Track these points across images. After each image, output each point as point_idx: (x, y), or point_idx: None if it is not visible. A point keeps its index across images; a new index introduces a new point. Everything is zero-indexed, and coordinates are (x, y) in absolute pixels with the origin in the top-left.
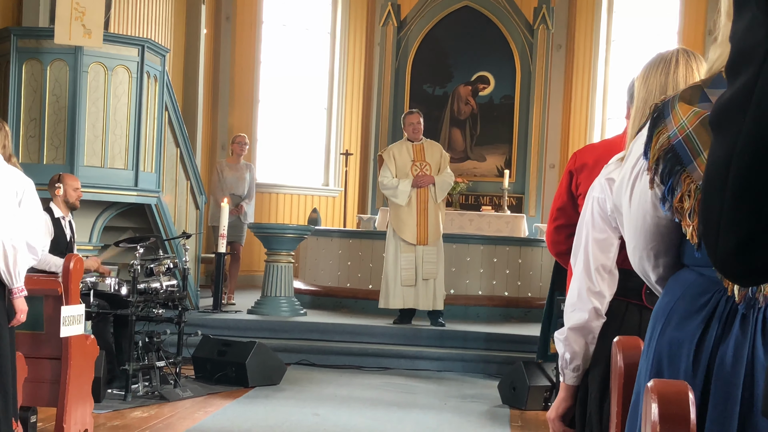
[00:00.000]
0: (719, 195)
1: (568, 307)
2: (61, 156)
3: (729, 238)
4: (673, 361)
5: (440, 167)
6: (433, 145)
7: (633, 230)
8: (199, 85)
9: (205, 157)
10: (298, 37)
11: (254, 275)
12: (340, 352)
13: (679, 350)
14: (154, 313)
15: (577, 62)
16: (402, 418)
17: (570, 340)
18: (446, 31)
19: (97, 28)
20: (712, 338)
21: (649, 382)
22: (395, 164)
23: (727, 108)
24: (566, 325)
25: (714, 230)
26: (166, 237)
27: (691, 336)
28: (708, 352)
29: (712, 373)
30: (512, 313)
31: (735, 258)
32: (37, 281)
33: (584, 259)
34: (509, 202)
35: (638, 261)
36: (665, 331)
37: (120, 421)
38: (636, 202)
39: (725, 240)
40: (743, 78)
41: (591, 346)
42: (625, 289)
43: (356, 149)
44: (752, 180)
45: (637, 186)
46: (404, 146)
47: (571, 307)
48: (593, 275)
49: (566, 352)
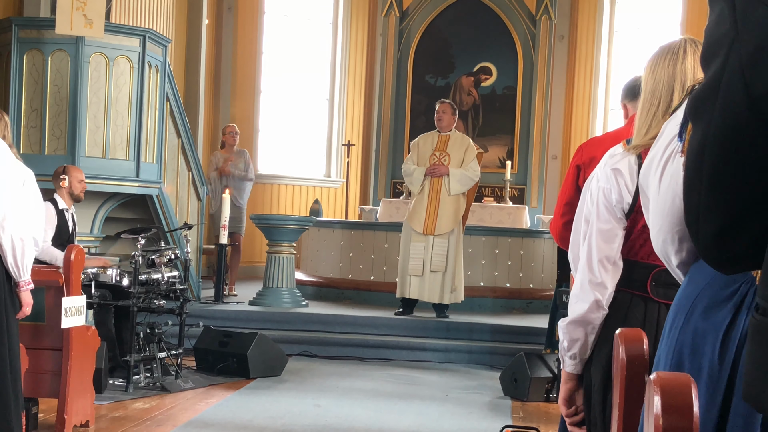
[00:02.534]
0: (697, 183)
1: (572, 298)
2: (62, 147)
3: (708, 225)
4: (696, 353)
5: (463, 161)
6: (461, 139)
7: (660, 212)
8: (200, 75)
9: (207, 148)
10: (299, 27)
11: (256, 266)
12: (342, 343)
13: (704, 341)
14: (155, 304)
15: (580, 53)
16: (403, 409)
17: (570, 330)
18: (448, 22)
19: (98, 18)
20: (740, 329)
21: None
22: (418, 152)
23: (699, 98)
24: (569, 315)
25: (694, 218)
26: (167, 228)
27: (717, 327)
28: (735, 343)
29: (739, 366)
30: (514, 305)
31: (715, 245)
32: (38, 272)
33: (587, 250)
34: (511, 194)
35: (661, 244)
36: (689, 321)
37: (121, 412)
38: (666, 184)
39: (705, 227)
40: (713, 68)
41: (591, 336)
42: (630, 281)
43: (358, 140)
44: (724, 168)
45: (668, 168)
46: (431, 136)
47: (575, 298)
48: (596, 267)
49: (565, 340)
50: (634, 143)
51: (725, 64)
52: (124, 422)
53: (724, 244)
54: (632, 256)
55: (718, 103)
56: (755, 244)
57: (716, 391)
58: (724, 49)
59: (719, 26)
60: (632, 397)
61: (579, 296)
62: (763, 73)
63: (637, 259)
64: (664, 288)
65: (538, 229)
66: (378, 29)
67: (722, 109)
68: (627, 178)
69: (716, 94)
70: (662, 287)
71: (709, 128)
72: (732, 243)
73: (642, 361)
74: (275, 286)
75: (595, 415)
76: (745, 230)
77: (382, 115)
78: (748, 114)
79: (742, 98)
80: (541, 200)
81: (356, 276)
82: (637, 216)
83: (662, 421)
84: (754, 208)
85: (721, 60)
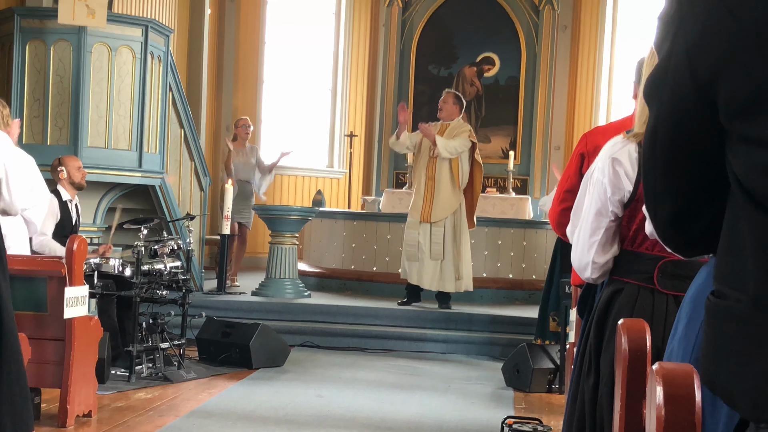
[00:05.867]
0: (652, 167)
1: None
2: (64, 137)
3: (664, 208)
4: None
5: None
6: (459, 127)
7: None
8: (203, 65)
9: (209, 138)
10: (302, 17)
11: (258, 257)
12: (344, 334)
13: None
14: (158, 295)
15: (583, 43)
16: (406, 399)
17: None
18: (451, 12)
19: (100, 8)
20: None
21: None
22: (420, 139)
23: (651, 81)
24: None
25: (651, 202)
26: (170, 218)
27: None
28: None
29: None
30: (517, 296)
31: (672, 228)
32: (40, 262)
33: (585, 229)
34: (514, 184)
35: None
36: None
37: (124, 402)
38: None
39: (661, 211)
40: (663, 52)
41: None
42: (636, 272)
43: (361, 131)
44: (674, 152)
45: None
46: (434, 127)
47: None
48: (592, 249)
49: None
50: (635, 131)
51: (672, 48)
52: (127, 412)
53: (680, 227)
54: (636, 247)
55: (667, 87)
56: (711, 227)
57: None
58: (671, 33)
59: (669, 10)
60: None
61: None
62: (707, 57)
63: (642, 250)
64: (671, 279)
65: (540, 220)
66: (381, 19)
67: (670, 93)
68: (627, 166)
69: (666, 78)
70: (669, 279)
71: (660, 111)
72: (688, 226)
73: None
74: (278, 276)
75: (602, 407)
76: (701, 213)
77: (385, 106)
78: (694, 97)
79: (688, 82)
80: (544, 191)
81: (359, 267)
82: (637, 205)
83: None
84: (708, 191)
85: (669, 44)
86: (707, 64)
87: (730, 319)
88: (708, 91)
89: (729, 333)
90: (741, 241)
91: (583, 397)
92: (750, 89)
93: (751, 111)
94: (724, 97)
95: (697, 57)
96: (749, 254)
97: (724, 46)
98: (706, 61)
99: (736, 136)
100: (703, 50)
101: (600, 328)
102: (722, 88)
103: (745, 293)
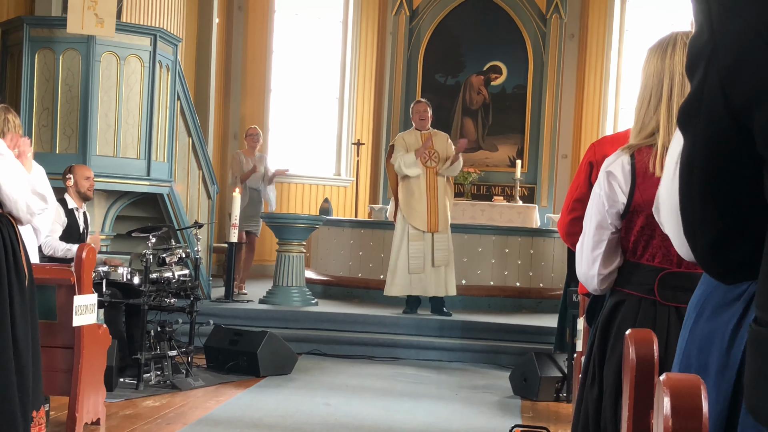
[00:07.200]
0: (689, 196)
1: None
2: (73, 145)
3: (703, 237)
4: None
5: (447, 154)
6: (440, 134)
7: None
8: (211, 74)
9: (217, 147)
10: (310, 26)
11: (266, 265)
12: (352, 342)
13: (711, 340)
14: (166, 303)
15: (590, 52)
16: (413, 408)
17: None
18: (459, 21)
19: (109, 18)
20: (747, 328)
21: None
22: (407, 150)
23: (685, 110)
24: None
25: (691, 229)
26: (178, 226)
27: (724, 326)
28: (743, 341)
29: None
30: (524, 304)
31: (711, 256)
32: (49, 270)
33: (587, 243)
34: (521, 193)
35: (685, 252)
36: (698, 322)
37: (132, 410)
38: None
39: (700, 239)
40: (695, 80)
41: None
42: (637, 284)
43: (368, 139)
44: (712, 180)
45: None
46: (413, 135)
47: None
48: (594, 261)
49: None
50: (629, 143)
51: (705, 78)
52: (135, 420)
53: (720, 254)
54: (637, 258)
55: (701, 116)
56: (752, 253)
57: (723, 388)
58: (703, 61)
59: (700, 38)
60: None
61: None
62: (742, 87)
63: (642, 261)
64: (672, 291)
65: (548, 229)
66: (388, 28)
67: (706, 122)
68: (620, 179)
69: (700, 107)
70: (670, 290)
71: (696, 141)
72: (728, 253)
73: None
74: (285, 284)
75: (605, 418)
76: (740, 240)
77: (392, 114)
78: (730, 126)
79: (723, 111)
80: (551, 199)
81: (366, 275)
82: (633, 216)
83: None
84: (747, 218)
85: (702, 73)
86: (741, 93)
87: None
88: (743, 119)
89: None
90: None
91: (587, 407)
92: None
93: None
94: (758, 125)
95: (731, 86)
96: None
97: (758, 75)
98: (740, 90)
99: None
100: (737, 79)
101: (603, 339)
102: (756, 115)
103: None
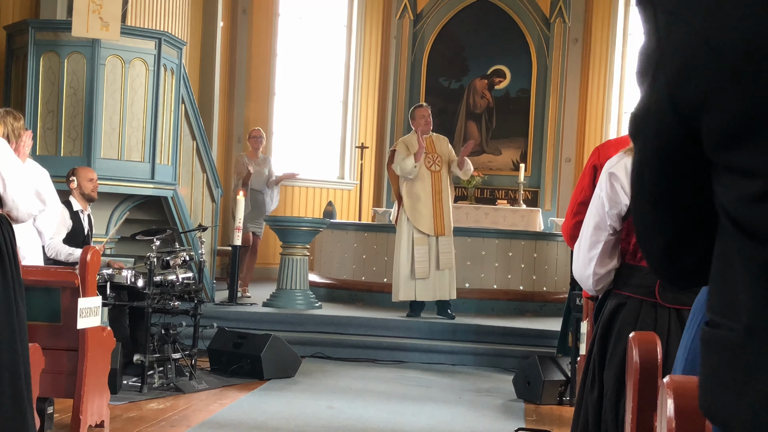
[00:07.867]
0: (642, 202)
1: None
2: (78, 148)
3: (655, 242)
4: None
5: (450, 158)
6: (441, 138)
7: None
8: (215, 77)
9: (221, 150)
10: (314, 29)
11: (269, 268)
12: (355, 345)
13: None
14: (170, 305)
15: (594, 56)
16: (416, 411)
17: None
18: (462, 25)
19: (114, 21)
20: None
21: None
22: (409, 154)
23: (636, 116)
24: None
25: (643, 235)
26: (182, 229)
27: None
28: None
29: None
30: (527, 307)
31: (664, 261)
32: (54, 273)
33: (584, 243)
34: (525, 196)
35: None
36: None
37: (136, 412)
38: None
39: (652, 244)
40: (645, 87)
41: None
42: (637, 286)
43: (372, 142)
44: (663, 186)
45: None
46: (414, 139)
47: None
48: (591, 262)
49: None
50: (632, 146)
51: (654, 85)
52: (139, 423)
53: (672, 260)
54: (636, 261)
55: (650, 123)
56: (704, 259)
57: None
58: (651, 69)
59: (648, 46)
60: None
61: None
62: (689, 93)
63: (642, 264)
64: (673, 293)
65: (551, 232)
66: (392, 32)
67: (655, 129)
68: (624, 181)
69: (648, 114)
70: (670, 292)
71: (645, 148)
72: (680, 259)
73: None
74: (289, 287)
75: (606, 420)
76: (692, 246)
77: (396, 118)
78: (678, 131)
79: (671, 118)
80: (555, 203)
81: (369, 278)
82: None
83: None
84: (698, 224)
85: (650, 80)
86: (688, 97)
87: (724, 348)
88: (691, 124)
89: (724, 362)
90: (732, 270)
91: (587, 409)
92: (732, 120)
93: (735, 142)
94: (707, 130)
95: (678, 91)
96: (740, 284)
97: (704, 80)
98: (687, 95)
99: (721, 167)
100: (684, 84)
101: (604, 342)
102: (705, 121)
103: (738, 322)
